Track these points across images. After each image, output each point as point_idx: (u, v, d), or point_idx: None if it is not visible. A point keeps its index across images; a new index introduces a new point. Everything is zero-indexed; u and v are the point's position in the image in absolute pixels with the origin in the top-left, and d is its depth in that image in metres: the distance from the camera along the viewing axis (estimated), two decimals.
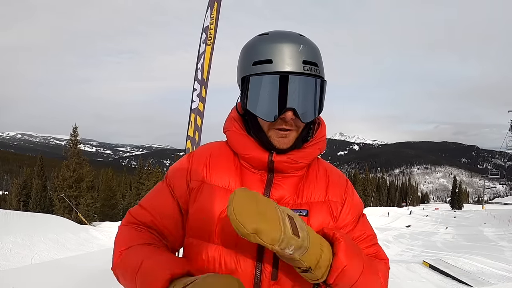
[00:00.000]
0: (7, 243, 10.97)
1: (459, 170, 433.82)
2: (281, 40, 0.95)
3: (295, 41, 0.95)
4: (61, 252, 11.91)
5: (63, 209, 30.47)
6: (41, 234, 12.69)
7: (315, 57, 0.97)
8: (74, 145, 32.13)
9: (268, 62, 0.94)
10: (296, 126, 0.98)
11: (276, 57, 0.93)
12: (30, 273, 6.56)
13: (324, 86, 0.99)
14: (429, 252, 15.70)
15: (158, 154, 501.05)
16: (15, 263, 9.53)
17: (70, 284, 5.66)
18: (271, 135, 0.99)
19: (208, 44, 3.91)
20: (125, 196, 53.12)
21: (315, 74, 0.96)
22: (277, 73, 0.93)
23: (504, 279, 9.15)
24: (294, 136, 0.99)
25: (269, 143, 0.99)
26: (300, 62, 0.93)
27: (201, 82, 3.95)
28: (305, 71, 0.94)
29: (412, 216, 47.23)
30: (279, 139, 0.98)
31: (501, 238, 23.43)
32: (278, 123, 0.96)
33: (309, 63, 0.95)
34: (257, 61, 0.96)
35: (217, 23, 3.93)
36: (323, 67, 1.01)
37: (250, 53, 0.98)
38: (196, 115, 3.94)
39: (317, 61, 0.97)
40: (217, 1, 3.94)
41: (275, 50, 0.94)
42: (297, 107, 0.94)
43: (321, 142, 1.07)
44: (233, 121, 1.06)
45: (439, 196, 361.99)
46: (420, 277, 9.60)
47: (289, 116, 0.93)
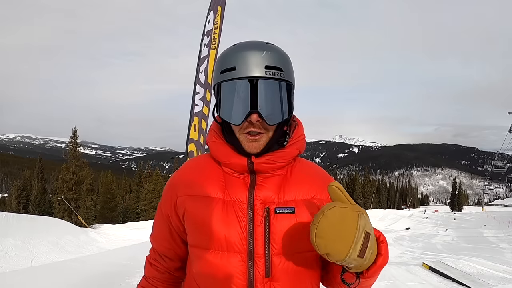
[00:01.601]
0: (7, 246, 10.95)
1: (458, 172, 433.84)
2: (245, 49, 1.01)
3: (258, 49, 1.00)
4: (61, 255, 11.89)
5: (62, 212, 30.38)
6: (41, 237, 12.68)
7: (279, 63, 1.00)
8: (73, 148, 32.05)
9: (232, 69, 0.99)
10: (265, 130, 1.01)
11: (239, 64, 0.99)
12: (29, 276, 6.55)
13: (291, 89, 1.03)
14: (429, 254, 15.67)
15: (158, 156, 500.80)
16: (15, 266, 9.52)
17: (69, 286, 5.65)
18: (242, 140, 1.03)
19: (212, 48, 3.93)
20: (125, 198, 53.05)
21: (279, 77, 0.99)
22: (240, 78, 0.98)
23: (504, 281, 9.14)
24: (265, 140, 1.03)
25: (240, 147, 1.04)
26: (262, 67, 0.98)
27: (205, 86, 3.97)
28: (267, 75, 0.98)
29: (412, 218, 47.20)
30: (250, 144, 1.02)
31: (501, 240, 23.39)
32: (246, 126, 1.00)
33: (272, 68, 0.98)
34: (223, 69, 1.01)
35: (221, 28, 3.95)
36: (290, 71, 1.04)
37: (219, 63, 1.05)
38: (201, 118, 3.96)
39: (282, 66, 1.00)
40: (221, 6, 3.96)
41: (239, 58, 0.99)
42: (261, 109, 0.97)
43: (299, 142, 1.10)
44: (213, 132, 1.12)
45: (439, 198, 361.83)
46: (420, 279, 9.59)
47: (254, 118, 0.97)
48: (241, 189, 1.03)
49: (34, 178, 38.55)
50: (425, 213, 66.63)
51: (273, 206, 1.01)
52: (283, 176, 1.07)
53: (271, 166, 1.04)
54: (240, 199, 1.02)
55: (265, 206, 1.01)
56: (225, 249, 0.99)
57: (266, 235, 0.99)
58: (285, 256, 1.00)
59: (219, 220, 1.00)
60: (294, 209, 1.02)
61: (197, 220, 1.03)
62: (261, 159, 1.03)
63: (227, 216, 1.00)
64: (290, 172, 1.09)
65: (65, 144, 37.92)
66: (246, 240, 0.99)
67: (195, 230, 1.04)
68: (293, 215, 1.01)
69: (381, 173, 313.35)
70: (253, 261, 0.98)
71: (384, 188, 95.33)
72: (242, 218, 1.00)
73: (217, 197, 1.03)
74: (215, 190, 1.04)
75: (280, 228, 1.00)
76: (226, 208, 1.01)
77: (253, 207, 1.01)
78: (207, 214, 1.01)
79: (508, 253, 16.83)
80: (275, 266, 0.99)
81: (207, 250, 1.02)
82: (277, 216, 1.01)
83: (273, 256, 0.99)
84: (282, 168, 1.07)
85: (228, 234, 0.99)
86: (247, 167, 1.03)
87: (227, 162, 1.05)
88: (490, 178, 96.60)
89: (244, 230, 0.99)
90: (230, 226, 0.99)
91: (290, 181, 1.07)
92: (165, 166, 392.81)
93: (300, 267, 1.03)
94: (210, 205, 1.02)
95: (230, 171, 1.06)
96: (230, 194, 1.03)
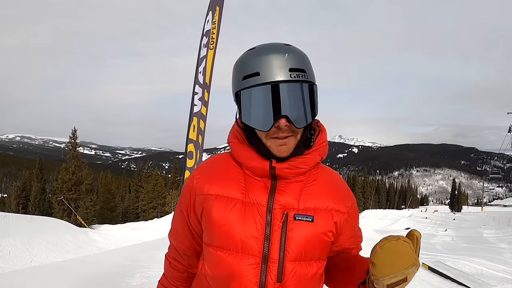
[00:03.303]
0: (7, 246, 10.96)
1: (458, 172, 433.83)
2: (266, 52, 0.99)
3: (280, 51, 0.99)
4: (60, 255, 11.90)
5: (62, 212, 30.40)
6: (40, 237, 12.69)
7: (302, 64, 1.00)
8: (73, 148, 32.09)
9: (256, 75, 0.97)
10: (293, 132, 1.01)
11: (263, 69, 0.97)
12: (29, 276, 6.54)
13: (314, 90, 1.02)
14: (428, 254, 15.66)
15: (157, 157, 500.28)
16: (14, 266, 9.53)
17: (69, 287, 5.64)
18: (270, 145, 1.01)
19: (210, 48, 3.93)
20: (124, 199, 53.09)
21: (303, 79, 0.98)
22: (265, 84, 0.96)
23: (503, 281, 9.15)
24: (294, 142, 1.02)
25: (269, 152, 1.02)
26: (286, 71, 0.96)
27: (203, 86, 3.96)
28: (292, 78, 0.97)
29: (412, 218, 47.21)
30: (279, 148, 1.01)
31: (500, 240, 23.41)
32: (274, 131, 0.99)
33: (296, 70, 0.98)
34: (246, 75, 0.99)
35: (219, 28, 3.95)
36: (312, 72, 1.03)
37: (240, 68, 1.03)
38: (199, 118, 3.96)
39: (305, 67, 1.00)
40: (219, 6, 3.96)
41: (261, 63, 0.97)
42: (289, 113, 0.96)
43: (322, 148, 1.09)
44: (235, 133, 1.11)
45: (438, 198, 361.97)
46: (420, 279, 9.59)
47: (283, 123, 0.96)
48: (261, 192, 1.03)
49: (33, 178, 38.55)
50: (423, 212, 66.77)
51: (292, 212, 1.01)
52: (304, 183, 1.06)
53: (293, 172, 1.03)
54: (260, 202, 1.01)
55: (284, 212, 1.01)
56: (240, 250, 0.99)
57: (282, 241, 0.99)
58: (298, 263, 1.01)
59: (236, 221, 1.00)
60: (313, 218, 1.02)
61: (215, 219, 1.02)
62: (283, 165, 1.02)
63: (244, 217, 1.00)
64: (312, 179, 1.08)
65: (64, 145, 37.94)
66: (262, 244, 0.99)
67: (212, 229, 1.04)
68: (311, 223, 1.01)
69: (381, 173, 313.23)
70: (266, 265, 0.98)
71: (384, 188, 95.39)
72: (260, 221, 1.00)
73: (236, 197, 1.03)
74: (234, 190, 1.04)
75: (297, 234, 1.00)
76: (245, 209, 1.01)
77: (272, 211, 1.00)
78: (225, 214, 1.01)
79: (507, 253, 16.84)
80: (287, 272, 0.99)
81: (222, 250, 1.02)
82: (295, 222, 1.01)
83: (286, 262, 0.99)
84: (304, 174, 1.06)
85: (245, 235, 0.99)
86: (268, 172, 1.02)
87: (248, 165, 1.04)
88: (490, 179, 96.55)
89: (261, 233, 0.99)
90: (247, 228, 0.99)
91: (311, 189, 1.06)
92: (164, 166, 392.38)
93: (310, 275, 1.04)
94: (228, 205, 1.02)
95: (251, 174, 1.05)
96: (250, 196, 1.02)
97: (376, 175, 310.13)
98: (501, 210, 65.26)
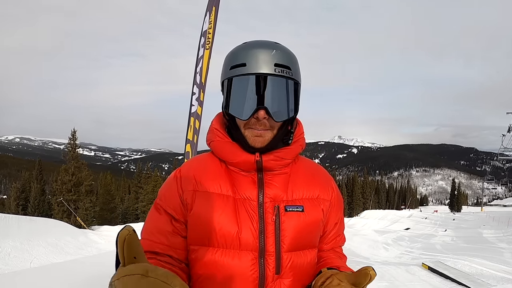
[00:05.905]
0: (6, 247, 10.95)
1: (458, 173, 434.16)
2: (255, 46, 1.03)
3: (268, 47, 1.02)
4: (60, 256, 11.89)
5: (61, 213, 30.34)
6: (40, 238, 12.67)
7: (288, 61, 1.02)
8: (72, 149, 32.01)
9: (242, 65, 1.01)
10: (271, 127, 1.03)
11: (249, 61, 1.00)
12: (29, 277, 6.53)
13: (297, 88, 1.05)
14: (428, 254, 15.69)
15: (157, 158, 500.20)
16: (14, 267, 9.50)
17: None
18: (247, 135, 1.04)
19: (207, 48, 3.94)
20: (124, 200, 53.00)
21: (287, 76, 1.01)
22: (249, 74, 0.99)
23: (503, 280, 9.16)
24: (270, 136, 1.04)
25: (246, 142, 1.04)
26: (272, 65, 0.99)
27: (199, 86, 3.98)
28: (277, 72, 0.99)
29: (411, 218, 47.18)
30: (254, 138, 1.03)
31: (500, 240, 23.42)
32: (253, 122, 1.02)
33: (281, 66, 1.00)
34: (233, 65, 1.03)
35: (215, 27, 3.96)
36: (298, 71, 1.06)
37: (229, 59, 1.06)
38: (195, 118, 3.97)
39: (290, 65, 1.03)
40: (215, 6, 3.96)
41: (249, 55, 1.01)
42: (269, 106, 0.99)
43: (301, 139, 1.13)
44: (215, 131, 1.11)
45: (438, 198, 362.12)
46: (420, 279, 9.60)
47: (261, 115, 0.98)
48: (250, 186, 1.04)
49: (33, 179, 38.46)
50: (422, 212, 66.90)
51: (282, 204, 1.03)
52: (288, 174, 1.09)
53: (279, 163, 1.05)
54: (250, 196, 1.02)
55: (274, 204, 1.03)
56: (237, 247, 0.99)
57: (277, 233, 1.01)
58: (293, 253, 1.03)
59: (231, 218, 1.00)
60: (303, 208, 1.05)
61: (207, 218, 1.00)
62: (269, 156, 1.04)
63: (238, 214, 1.00)
64: (295, 170, 1.11)
65: (64, 146, 37.92)
66: (258, 238, 1.00)
67: (204, 227, 1.00)
68: (302, 213, 1.04)
69: (380, 174, 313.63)
70: (264, 258, 0.99)
71: (383, 188, 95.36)
72: (253, 216, 1.01)
73: (227, 194, 1.03)
74: (224, 187, 1.04)
75: (289, 225, 1.02)
76: (237, 206, 1.01)
77: (263, 205, 1.02)
78: (218, 212, 1.00)
79: (507, 253, 16.84)
80: (284, 263, 1.01)
81: (217, 249, 0.99)
82: (287, 214, 1.02)
83: (282, 253, 1.01)
84: (287, 166, 1.09)
85: (241, 232, 0.99)
86: (255, 165, 1.04)
87: (234, 161, 1.05)
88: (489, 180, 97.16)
89: (256, 228, 1.00)
90: (243, 224, 1.00)
91: (296, 179, 1.09)
92: (164, 167, 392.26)
93: (305, 264, 1.06)
94: (220, 203, 1.01)
95: (236, 169, 1.06)
96: (239, 192, 1.03)
97: (376, 175, 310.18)
98: (501, 210, 65.31)
